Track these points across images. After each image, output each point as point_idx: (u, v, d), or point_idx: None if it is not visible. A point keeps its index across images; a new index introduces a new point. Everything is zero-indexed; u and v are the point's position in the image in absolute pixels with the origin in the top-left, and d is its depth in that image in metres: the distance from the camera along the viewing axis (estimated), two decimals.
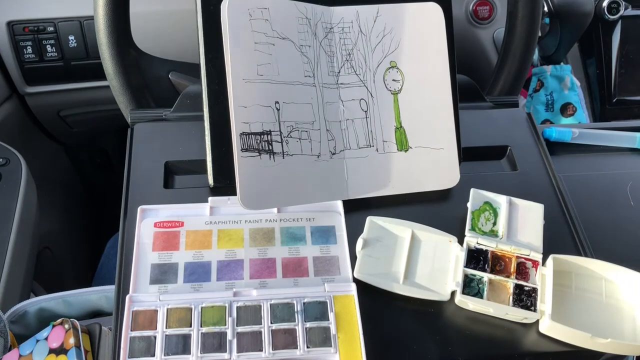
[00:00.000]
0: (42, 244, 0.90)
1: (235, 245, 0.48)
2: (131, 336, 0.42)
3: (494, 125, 0.62)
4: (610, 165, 0.63)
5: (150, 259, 0.47)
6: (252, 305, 0.44)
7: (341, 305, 0.45)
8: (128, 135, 0.56)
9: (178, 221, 0.49)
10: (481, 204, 0.51)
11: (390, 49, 0.54)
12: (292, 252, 0.48)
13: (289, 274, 0.47)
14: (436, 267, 0.48)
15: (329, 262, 0.48)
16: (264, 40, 0.49)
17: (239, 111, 0.47)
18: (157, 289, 0.45)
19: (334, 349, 0.43)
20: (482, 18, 0.99)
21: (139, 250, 0.47)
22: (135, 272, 0.46)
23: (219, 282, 0.46)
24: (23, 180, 0.69)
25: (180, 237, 0.48)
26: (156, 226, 0.48)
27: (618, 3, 1.01)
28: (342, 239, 0.49)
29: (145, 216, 0.49)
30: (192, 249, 0.48)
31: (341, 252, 0.49)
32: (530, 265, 0.48)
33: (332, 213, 0.51)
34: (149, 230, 0.48)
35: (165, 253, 0.47)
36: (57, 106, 0.98)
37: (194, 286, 0.46)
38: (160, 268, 0.46)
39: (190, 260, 0.47)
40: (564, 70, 1.02)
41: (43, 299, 0.58)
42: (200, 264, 0.47)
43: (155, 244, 0.47)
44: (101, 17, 0.59)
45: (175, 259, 0.47)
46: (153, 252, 0.47)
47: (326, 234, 0.50)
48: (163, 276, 0.46)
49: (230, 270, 0.47)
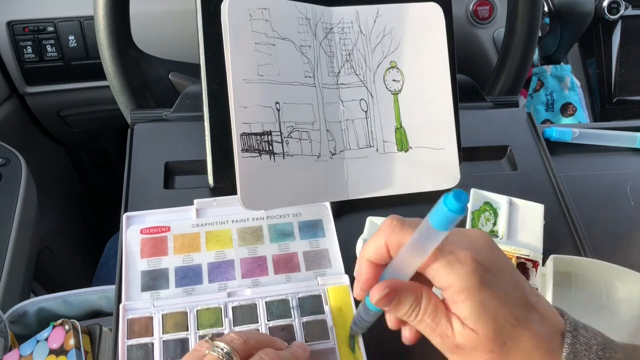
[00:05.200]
0: (42, 244, 0.90)
1: (225, 246, 0.48)
2: (128, 345, 0.42)
3: (494, 125, 0.62)
4: (610, 165, 0.63)
5: (139, 266, 0.46)
6: (247, 305, 0.44)
7: (336, 297, 0.45)
8: (128, 136, 0.56)
9: (164, 226, 0.48)
10: (481, 204, 0.51)
11: (390, 49, 0.54)
12: (281, 248, 0.48)
13: (281, 271, 0.47)
14: None
15: (320, 256, 0.48)
16: (264, 41, 0.49)
17: (240, 111, 0.47)
18: (149, 295, 0.45)
19: (332, 341, 0.43)
20: (482, 18, 0.99)
21: (128, 258, 0.46)
22: (126, 280, 0.45)
23: (211, 284, 0.46)
24: (23, 180, 0.69)
25: (168, 242, 0.48)
26: (142, 232, 0.48)
27: (618, 3, 1.01)
28: (330, 231, 0.50)
29: (131, 223, 0.48)
30: (181, 252, 0.47)
31: (330, 244, 0.49)
32: (531, 266, 0.48)
33: (318, 207, 0.51)
34: (135, 237, 0.48)
35: (154, 259, 0.47)
36: (57, 106, 0.98)
37: (186, 290, 0.45)
38: (151, 274, 0.46)
39: (180, 264, 0.47)
40: (564, 70, 1.02)
41: (43, 299, 0.58)
42: (190, 268, 0.47)
43: (143, 251, 0.47)
44: (101, 17, 0.59)
45: (165, 264, 0.47)
46: (142, 259, 0.47)
47: (314, 228, 0.50)
48: (154, 282, 0.45)
49: (221, 271, 0.47)
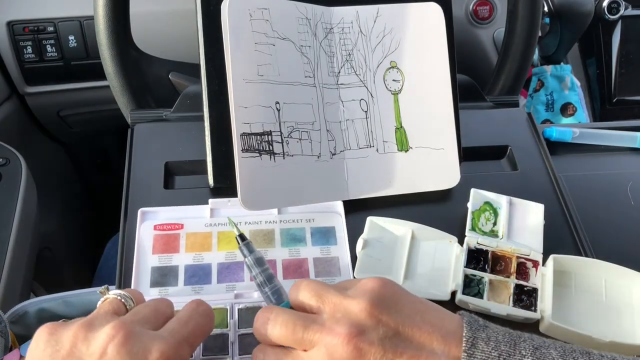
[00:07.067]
0: (42, 244, 0.90)
1: (236, 247, 0.47)
2: None
3: (494, 125, 0.62)
4: (610, 165, 0.63)
5: (150, 262, 0.46)
6: (253, 307, 0.44)
7: None
8: (128, 136, 0.56)
9: (178, 223, 0.49)
10: (481, 204, 0.51)
11: (391, 49, 0.54)
12: (292, 253, 0.48)
13: (290, 276, 0.47)
14: (436, 267, 0.48)
15: (330, 263, 0.48)
16: (264, 41, 0.49)
17: (240, 111, 0.47)
18: (158, 292, 0.45)
19: None
20: (482, 18, 0.99)
21: (139, 253, 0.47)
22: (136, 275, 0.46)
23: (219, 285, 0.46)
24: (23, 180, 0.69)
25: (180, 240, 0.48)
26: (156, 229, 0.48)
27: (618, 3, 1.01)
28: (342, 240, 0.49)
29: (145, 219, 0.49)
30: (192, 251, 0.47)
31: (341, 253, 0.49)
32: (531, 266, 0.48)
33: (332, 214, 0.51)
34: (148, 232, 0.48)
35: (165, 256, 0.47)
36: (57, 106, 0.98)
37: (194, 289, 0.45)
38: (161, 271, 0.46)
39: (190, 262, 0.47)
40: (564, 70, 1.02)
41: (43, 299, 0.58)
42: (200, 267, 0.47)
43: (155, 247, 0.47)
44: (101, 17, 0.59)
45: (176, 261, 0.47)
46: (153, 255, 0.47)
47: (326, 235, 0.50)
48: (163, 279, 0.46)
49: (231, 272, 0.47)
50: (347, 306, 0.35)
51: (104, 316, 0.35)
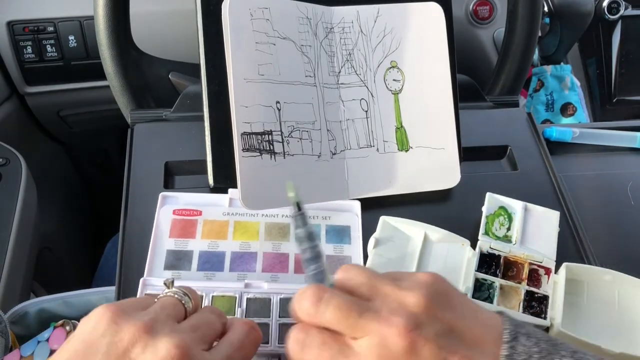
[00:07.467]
0: (42, 244, 0.90)
1: (251, 238, 0.49)
2: None
3: (494, 125, 0.62)
4: (610, 165, 0.63)
5: (166, 245, 0.48)
6: (261, 298, 0.45)
7: None
8: (128, 136, 0.56)
9: (196, 210, 0.50)
10: (496, 208, 0.51)
11: (391, 48, 0.54)
12: None
13: (301, 270, 0.47)
14: (447, 270, 0.47)
15: (342, 262, 0.48)
16: (264, 40, 0.49)
17: (240, 111, 0.47)
18: (171, 274, 0.46)
19: None
20: (482, 18, 0.99)
21: (156, 236, 0.48)
22: (151, 256, 0.47)
23: (231, 273, 0.47)
24: (23, 180, 0.69)
25: (197, 226, 0.49)
26: (175, 213, 0.49)
27: (618, 3, 1.01)
28: (357, 239, 0.50)
29: (165, 202, 0.50)
30: (208, 238, 0.48)
31: (355, 252, 0.49)
32: (543, 272, 0.48)
33: (348, 213, 0.51)
34: (167, 216, 0.49)
35: (181, 240, 0.48)
36: (57, 106, 0.97)
37: (206, 274, 0.46)
38: (176, 255, 0.47)
39: (205, 249, 0.48)
40: (564, 70, 1.02)
41: (44, 299, 0.58)
42: (214, 254, 0.48)
43: (173, 231, 0.48)
44: (101, 17, 0.59)
45: (191, 246, 0.48)
46: (170, 238, 0.48)
47: (341, 234, 0.50)
48: (177, 262, 0.47)
49: (243, 262, 0.47)
50: (402, 298, 0.33)
51: (165, 321, 0.34)
